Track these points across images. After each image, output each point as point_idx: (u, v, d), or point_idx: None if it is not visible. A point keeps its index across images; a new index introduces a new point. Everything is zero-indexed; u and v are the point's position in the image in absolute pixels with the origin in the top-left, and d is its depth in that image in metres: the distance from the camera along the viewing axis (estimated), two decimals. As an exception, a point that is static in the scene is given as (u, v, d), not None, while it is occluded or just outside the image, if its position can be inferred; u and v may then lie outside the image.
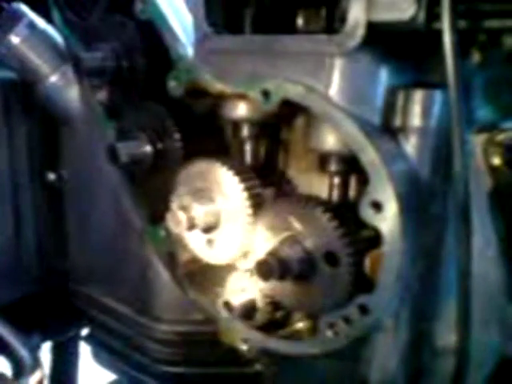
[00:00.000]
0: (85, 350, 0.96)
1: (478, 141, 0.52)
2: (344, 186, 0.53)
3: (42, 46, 0.80)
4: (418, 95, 0.50)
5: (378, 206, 0.49)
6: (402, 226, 0.48)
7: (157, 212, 0.67)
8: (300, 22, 0.55)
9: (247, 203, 0.57)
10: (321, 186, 0.56)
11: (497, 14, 0.44)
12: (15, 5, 0.81)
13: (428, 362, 0.56)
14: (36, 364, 0.68)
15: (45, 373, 0.69)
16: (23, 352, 0.68)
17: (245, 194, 0.57)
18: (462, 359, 0.51)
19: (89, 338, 0.90)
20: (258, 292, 0.59)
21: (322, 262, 0.52)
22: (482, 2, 0.44)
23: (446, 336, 0.55)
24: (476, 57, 0.51)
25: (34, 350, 0.73)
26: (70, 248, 0.87)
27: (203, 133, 0.66)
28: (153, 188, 0.69)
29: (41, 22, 0.81)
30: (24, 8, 0.81)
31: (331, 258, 0.51)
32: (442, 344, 0.55)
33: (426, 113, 0.50)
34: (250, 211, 0.57)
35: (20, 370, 0.67)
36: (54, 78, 0.80)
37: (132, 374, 0.82)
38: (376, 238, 0.50)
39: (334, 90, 0.49)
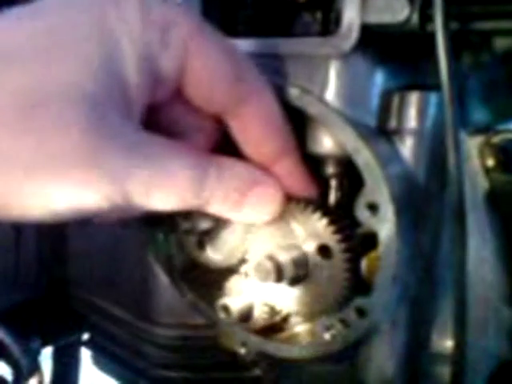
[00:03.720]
0: (86, 355, 0.96)
1: (473, 143, 0.52)
2: (340, 187, 0.53)
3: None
4: (414, 97, 0.50)
5: (373, 208, 0.49)
6: (399, 227, 0.48)
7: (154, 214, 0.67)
8: (296, 24, 0.56)
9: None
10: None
11: (488, 16, 0.44)
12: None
13: (425, 366, 0.56)
14: (34, 368, 0.68)
15: (43, 377, 0.69)
16: (21, 356, 0.68)
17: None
18: (459, 363, 0.51)
19: (89, 343, 0.90)
20: (256, 295, 0.59)
21: (316, 259, 0.51)
22: (473, 4, 0.44)
23: (443, 339, 0.55)
24: (469, 59, 0.51)
25: (34, 355, 0.73)
26: (69, 252, 0.87)
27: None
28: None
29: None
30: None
31: (325, 251, 0.51)
32: (439, 347, 0.55)
33: (421, 115, 0.50)
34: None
35: (19, 374, 0.67)
36: None
37: (132, 378, 0.82)
38: (372, 240, 0.50)
39: (330, 92, 0.50)
